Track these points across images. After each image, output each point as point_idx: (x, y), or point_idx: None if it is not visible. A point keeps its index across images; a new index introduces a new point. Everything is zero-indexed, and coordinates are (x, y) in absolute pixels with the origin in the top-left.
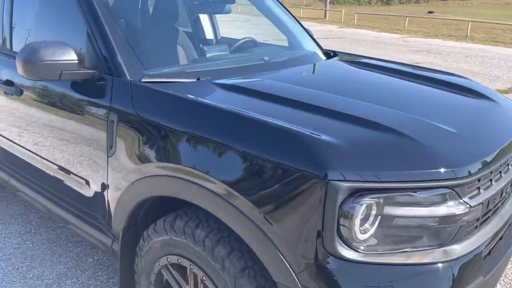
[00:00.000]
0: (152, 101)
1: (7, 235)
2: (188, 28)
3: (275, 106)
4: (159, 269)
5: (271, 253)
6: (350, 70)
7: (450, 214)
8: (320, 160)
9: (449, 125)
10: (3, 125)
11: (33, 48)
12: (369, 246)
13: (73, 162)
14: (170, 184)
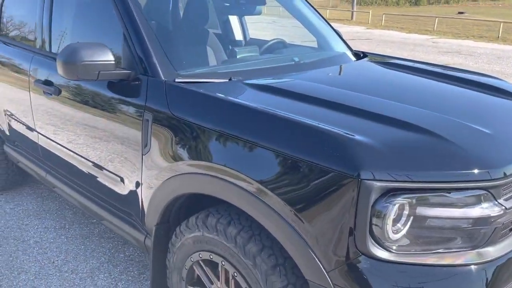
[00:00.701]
0: (186, 101)
1: (43, 230)
2: (218, 29)
3: (308, 106)
4: (190, 264)
5: (302, 251)
6: (381, 70)
7: (485, 215)
8: (353, 159)
9: (483, 126)
10: (41, 124)
11: (73, 49)
12: (401, 246)
13: (108, 160)
14: (203, 182)
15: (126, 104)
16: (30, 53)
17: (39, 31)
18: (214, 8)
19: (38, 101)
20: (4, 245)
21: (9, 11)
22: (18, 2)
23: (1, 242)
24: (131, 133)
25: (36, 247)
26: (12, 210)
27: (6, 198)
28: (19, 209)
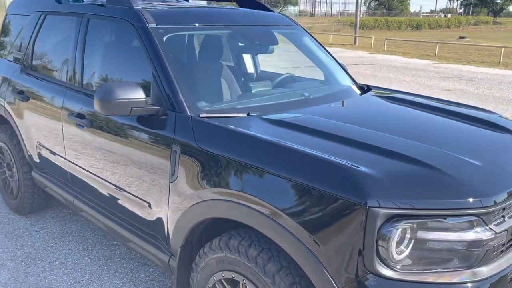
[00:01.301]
0: (211, 135)
1: (68, 252)
2: (231, 62)
3: (318, 140)
4: (213, 283)
5: (317, 270)
6: (383, 105)
7: (477, 239)
8: (361, 189)
9: (475, 159)
10: (72, 152)
11: (108, 88)
12: (404, 266)
13: (136, 186)
14: (226, 207)
15: (155, 136)
16: (63, 88)
17: (72, 67)
18: (229, 46)
19: (70, 132)
20: (32, 266)
21: (41, 47)
22: (50, 40)
23: (30, 263)
24: (160, 162)
25: (62, 267)
26: (38, 232)
27: (31, 221)
28: (44, 232)
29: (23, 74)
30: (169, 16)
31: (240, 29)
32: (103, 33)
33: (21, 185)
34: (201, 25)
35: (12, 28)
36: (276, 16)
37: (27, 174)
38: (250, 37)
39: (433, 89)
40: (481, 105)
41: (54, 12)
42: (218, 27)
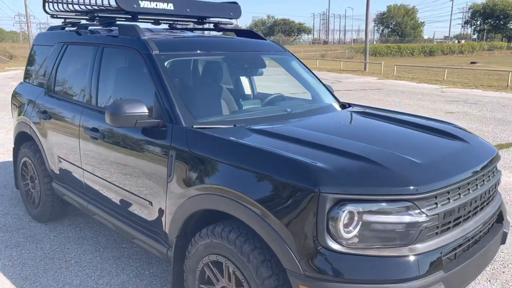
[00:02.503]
0: (200, 141)
1: (82, 253)
2: (231, 85)
3: (289, 144)
4: (202, 266)
5: (281, 247)
6: (354, 118)
7: (412, 221)
8: (315, 179)
9: (417, 158)
10: (87, 162)
11: (117, 104)
12: (351, 242)
13: (140, 188)
14: (211, 200)
15: (156, 145)
16: (80, 107)
17: (88, 89)
18: (227, 70)
19: (86, 145)
20: (50, 264)
21: (63, 73)
22: (70, 66)
23: (48, 262)
24: (159, 166)
25: (77, 265)
26: (56, 237)
27: (50, 227)
28: (62, 237)
29: (47, 96)
30: (170, 44)
31: (232, 54)
32: (115, 59)
33: (42, 195)
34: (198, 51)
35: (38, 57)
36: (267, 44)
37: (48, 184)
38: (240, 62)
39: (436, 112)
40: (481, 126)
41: (75, 42)
42: (212, 53)
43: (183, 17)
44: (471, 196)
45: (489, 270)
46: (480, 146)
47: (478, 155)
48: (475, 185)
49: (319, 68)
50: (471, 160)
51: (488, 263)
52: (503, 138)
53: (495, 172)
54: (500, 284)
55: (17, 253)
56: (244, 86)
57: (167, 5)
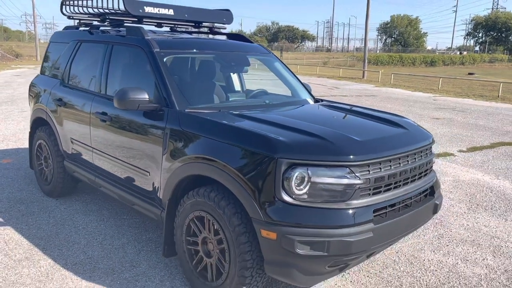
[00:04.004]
0: (190, 121)
1: (88, 221)
2: (222, 81)
3: (259, 124)
4: (188, 222)
5: (248, 200)
6: (320, 109)
7: (349, 183)
8: (274, 148)
9: (359, 137)
10: (96, 142)
11: (124, 90)
12: (302, 197)
13: (140, 161)
14: (197, 167)
15: (154, 125)
16: (92, 95)
17: (99, 80)
18: (217, 66)
19: (95, 127)
20: (61, 228)
21: (76, 66)
22: (83, 60)
23: (59, 227)
24: (156, 142)
25: (84, 230)
26: (66, 209)
27: (60, 201)
28: (71, 209)
29: (62, 86)
30: (169, 43)
31: (221, 54)
32: (122, 55)
33: (54, 173)
34: (192, 50)
35: (54, 53)
36: (254, 46)
37: (60, 163)
38: (228, 60)
39: (423, 117)
40: (461, 130)
41: (88, 40)
42: (205, 52)
43: (182, 21)
44: (401, 169)
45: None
46: (417, 132)
47: (413, 139)
48: (406, 160)
49: (319, 75)
50: (405, 142)
51: (416, 225)
52: (479, 142)
53: (428, 153)
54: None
55: (33, 220)
56: (234, 82)
57: (168, 11)
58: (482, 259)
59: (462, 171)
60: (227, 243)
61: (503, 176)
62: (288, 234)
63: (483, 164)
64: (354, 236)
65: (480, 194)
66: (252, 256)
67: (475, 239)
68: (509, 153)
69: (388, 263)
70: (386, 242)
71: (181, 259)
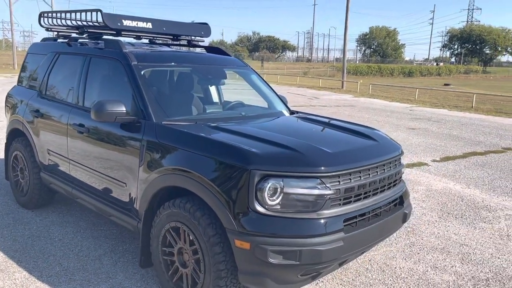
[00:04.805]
0: (167, 133)
1: (64, 233)
2: (200, 93)
3: (233, 136)
4: (164, 232)
5: (223, 212)
6: (295, 121)
7: (320, 193)
8: (247, 160)
9: (330, 149)
10: (73, 153)
11: (101, 103)
12: (275, 208)
13: (117, 172)
14: (173, 178)
15: (131, 137)
16: (69, 107)
17: (76, 93)
18: (194, 79)
19: (73, 139)
20: (37, 241)
21: (54, 78)
22: (61, 72)
23: (35, 239)
24: (133, 154)
25: (60, 242)
26: (42, 221)
27: (36, 213)
28: (47, 220)
29: (39, 98)
30: (147, 56)
31: (198, 67)
32: (100, 67)
33: (31, 184)
34: (169, 63)
35: (31, 64)
36: (231, 59)
37: (37, 174)
38: (205, 73)
39: (399, 128)
40: (435, 141)
41: (66, 52)
42: (182, 65)
43: (160, 34)
44: (370, 179)
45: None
46: (386, 144)
47: (382, 150)
48: (375, 171)
49: (299, 85)
50: (374, 154)
51: (386, 234)
52: (452, 152)
53: (397, 164)
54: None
55: (8, 232)
56: (211, 94)
57: (146, 24)
58: (451, 266)
59: (435, 180)
60: (202, 253)
61: (473, 185)
62: (261, 244)
63: (455, 174)
64: (324, 245)
65: (451, 203)
66: (226, 266)
67: (445, 246)
68: (480, 163)
69: (361, 271)
70: (357, 251)
71: (157, 269)
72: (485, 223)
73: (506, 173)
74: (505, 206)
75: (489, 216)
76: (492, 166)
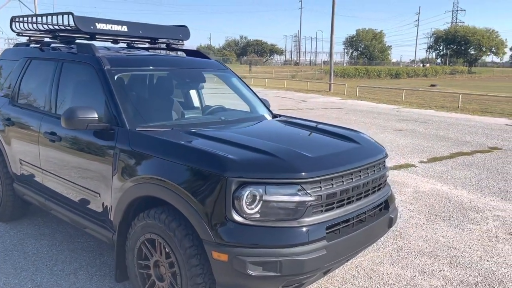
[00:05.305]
0: (140, 141)
1: (39, 246)
2: (181, 99)
3: (210, 142)
4: (139, 245)
5: (199, 222)
6: (278, 125)
7: (301, 200)
8: (223, 166)
9: (311, 153)
10: (45, 163)
11: (71, 110)
12: (254, 216)
13: (90, 182)
14: (147, 188)
15: (104, 145)
16: (41, 115)
17: (48, 99)
18: (171, 83)
19: (45, 148)
20: (10, 255)
21: (26, 85)
22: (33, 78)
23: (8, 253)
24: (106, 163)
25: (34, 256)
26: (16, 234)
27: (11, 226)
28: (21, 233)
29: (11, 105)
30: (121, 60)
31: (175, 70)
32: (73, 73)
33: (3, 196)
34: (145, 67)
35: (3, 70)
36: (211, 62)
37: (10, 186)
38: (182, 77)
39: (386, 129)
40: (423, 141)
41: (38, 57)
42: (158, 69)
43: (136, 37)
44: (353, 184)
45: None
46: (370, 147)
47: (365, 153)
48: (358, 176)
49: (287, 88)
50: (357, 157)
51: (372, 240)
52: (439, 152)
53: (382, 168)
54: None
55: None
56: (192, 99)
57: (122, 27)
58: (439, 270)
59: (422, 182)
60: (179, 266)
61: (461, 186)
62: (240, 255)
63: (443, 175)
64: (306, 255)
65: (439, 205)
66: (204, 279)
67: (433, 250)
68: (467, 163)
69: (347, 278)
70: (341, 259)
71: (133, 283)
72: (473, 224)
73: (493, 173)
74: (492, 206)
75: (477, 217)
76: (479, 166)
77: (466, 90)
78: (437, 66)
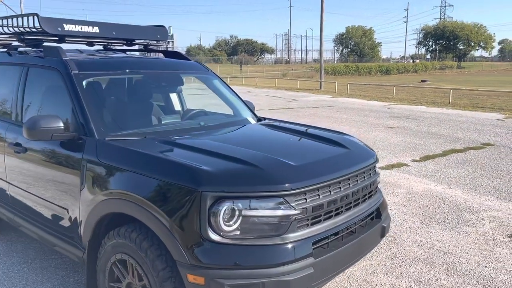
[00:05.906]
0: (109, 152)
1: (10, 264)
2: (159, 103)
3: (184, 152)
4: (110, 265)
5: (172, 242)
6: (261, 130)
7: (284, 214)
8: (197, 180)
9: (293, 161)
10: (12, 176)
11: (34, 119)
12: (233, 234)
13: (58, 197)
14: (116, 204)
15: (71, 156)
16: (6, 124)
17: (14, 107)
18: (146, 87)
19: (11, 159)
20: None
21: None
22: None
23: None
24: (73, 176)
25: (4, 275)
26: None
27: None
28: None
29: None
30: (90, 64)
31: (151, 73)
32: (39, 78)
33: None
34: (117, 71)
35: None
36: (190, 64)
37: None
38: (158, 80)
39: (378, 127)
40: (415, 139)
41: (4, 62)
42: (131, 73)
43: (110, 39)
44: (342, 193)
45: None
46: (359, 151)
47: (354, 159)
48: (347, 184)
49: (278, 87)
50: (346, 163)
51: (363, 252)
52: (432, 150)
53: (372, 173)
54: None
55: None
56: (171, 103)
57: (93, 29)
58: (435, 279)
59: (415, 182)
60: None
61: (455, 185)
62: (217, 278)
63: (436, 174)
64: (292, 275)
65: (433, 206)
66: None
67: (428, 256)
68: (460, 161)
69: None
70: (330, 276)
71: None
72: (469, 226)
73: (487, 170)
74: (488, 206)
75: (473, 218)
76: (472, 163)
77: (456, 85)
78: (427, 62)
